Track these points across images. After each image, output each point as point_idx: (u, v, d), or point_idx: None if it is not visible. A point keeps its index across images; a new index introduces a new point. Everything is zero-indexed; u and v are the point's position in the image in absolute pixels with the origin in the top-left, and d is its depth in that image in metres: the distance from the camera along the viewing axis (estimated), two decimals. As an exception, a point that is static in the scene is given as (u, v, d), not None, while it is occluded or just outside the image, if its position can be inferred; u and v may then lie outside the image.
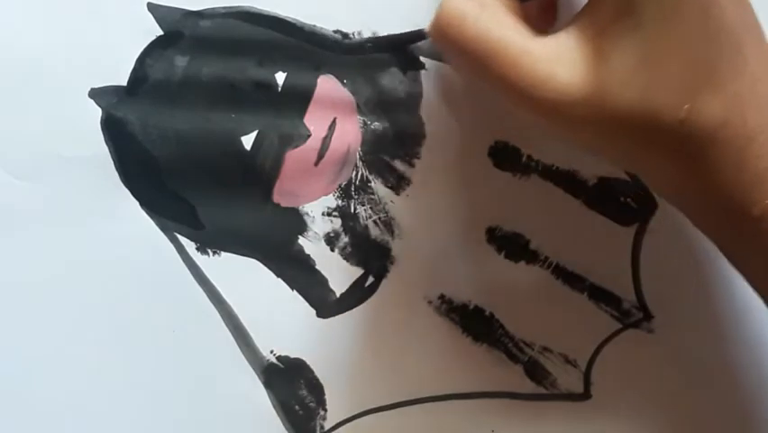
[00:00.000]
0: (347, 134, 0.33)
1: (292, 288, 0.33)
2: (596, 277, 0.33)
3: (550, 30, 0.26)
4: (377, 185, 0.33)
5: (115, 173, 0.33)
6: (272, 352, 0.33)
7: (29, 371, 0.32)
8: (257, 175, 0.33)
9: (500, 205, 0.33)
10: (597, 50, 0.24)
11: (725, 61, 0.23)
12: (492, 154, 0.33)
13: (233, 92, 0.33)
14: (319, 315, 0.33)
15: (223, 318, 0.33)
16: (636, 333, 0.33)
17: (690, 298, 0.32)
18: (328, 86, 0.33)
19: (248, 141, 0.33)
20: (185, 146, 0.33)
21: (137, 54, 0.33)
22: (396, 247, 0.33)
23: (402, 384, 0.33)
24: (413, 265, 0.33)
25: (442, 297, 0.33)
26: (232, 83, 0.33)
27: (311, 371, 0.33)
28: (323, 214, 0.33)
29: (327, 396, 0.33)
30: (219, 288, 0.33)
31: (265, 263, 0.33)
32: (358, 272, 0.33)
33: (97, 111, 0.33)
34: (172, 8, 0.33)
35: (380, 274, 0.33)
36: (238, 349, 0.33)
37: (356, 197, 0.33)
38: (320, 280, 0.33)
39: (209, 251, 0.33)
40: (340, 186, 0.33)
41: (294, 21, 0.33)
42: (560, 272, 0.33)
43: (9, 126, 0.33)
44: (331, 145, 0.33)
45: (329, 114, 0.33)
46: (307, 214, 0.33)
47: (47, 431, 0.32)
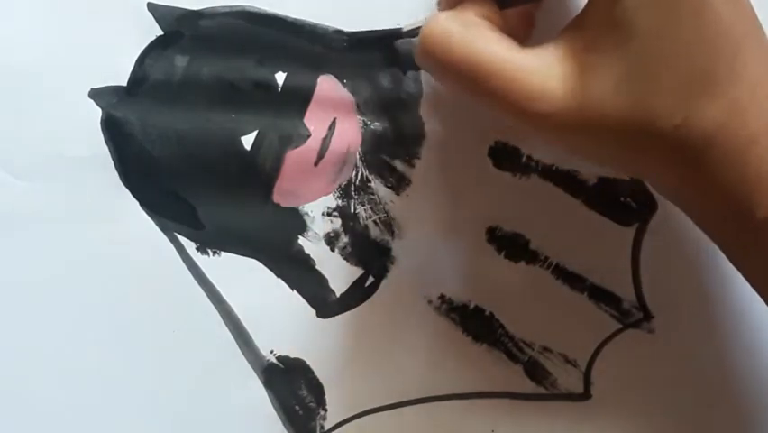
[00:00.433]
0: (347, 134, 0.33)
1: (292, 288, 0.33)
2: (596, 277, 0.33)
3: (528, 40, 0.27)
4: (377, 185, 0.33)
5: (115, 173, 0.33)
6: (272, 352, 0.33)
7: (29, 371, 0.32)
8: (257, 175, 0.33)
9: (500, 205, 0.33)
10: (588, 61, 0.24)
11: (722, 66, 0.23)
12: (492, 154, 0.33)
13: (233, 92, 0.33)
14: (319, 315, 0.33)
15: (223, 318, 0.33)
16: (636, 333, 0.33)
17: (690, 298, 0.32)
18: (328, 86, 0.33)
19: (248, 141, 0.33)
20: (185, 146, 0.33)
21: (137, 54, 0.33)
22: (396, 247, 0.33)
23: (402, 384, 0.33)
24: (413, 265, 0.33)
25: (442, 297, 0.33)
26: (232, 83, 0.33)
27: (311, 371, 0.33)
28: (323, 214, 0.33)
29: (327, 396, 0.33)
30: (219, 288, 0.33)
31: (265, 263, 0.33)
32: (358, 272, 0.33)
33: (97, 111, 0.33)
34: (172, 8, 0.33)
35: (380, 274, 0.33)
36: (238, 349, 0.33)
37: (356, 197, 0.33)
38: (320, 280, 0.33)
39: (209, 251, 0.33)
40: (340, 186, 0.33)
41: (294, 20, 0.33)
42: (560, 272, 0.33)
43: (9, 126, 0.33)
44: (331, 145, 0.33)
45: (329, 114, 0.33)
46: (307, 214, 0.33)
47: (47, 431, 0.32)
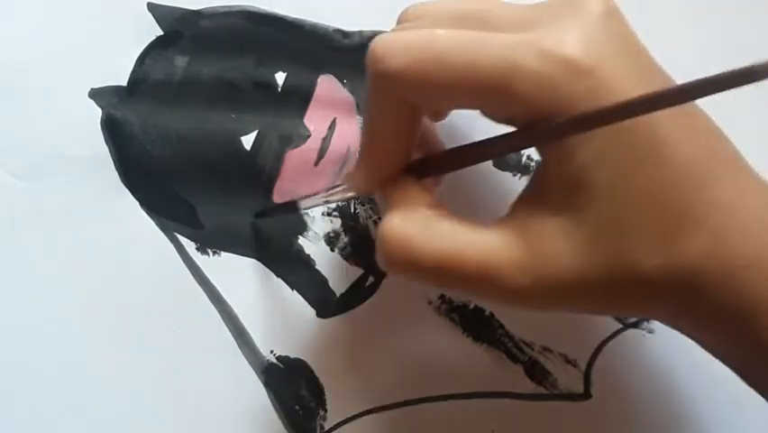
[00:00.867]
0: (347, 134, 0.33)
1: (292, 288, 0.33)
2: (596, 277, 0.33)
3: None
4: (377, 185, 0.33)
5: (115, 173, 0.33)
6: (272, 352, 0.33)
7: (29, 371, 0.32)
8: (257, 175, 0.33)
9: (500, 205, 0.33)
10: (553, 227, 0.23)
11: (693, 200, 0.22)
12: (492, 154, 0.32)
13: (233, 92, 0.33)
14: (319, 315, 0.33)
15: (223, 318, 0.33)
16: (636, 333, 0.33)
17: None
18: (328, 86, 0.33)
19: (248, 141, 0.33)
20: (185, 146, 0.33)
21: (137, 54, 0.33)
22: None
23: (402, 384, 0.33)
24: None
25: (442, 297, 0.33)
26: (232, 83, 0.33)
27: (311, 371, 0.33)
28: (323, 214, 0.33)
29: (327, 396, 0.33)
30: (219, 288, 0.33)
31: (265, 263, 0.33)
32: (358, 272, 0.33)
33: (97, 111, 0.33)
34: (172, 8, 0.33)
35: (380, 274, 0.33)
36: (238, 349, 0.33)
37: (356, 197, 0.33)
38: (320, 280, 0.33)
39: (209, 251, 0.33)
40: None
41: (294, 20, 0.33)
42: (560, 272, 0.33)
43: (9, 126, 0.33)
44: (331, 145, 0.33)
45: (329, 114, 0.33)
46: (307, 214, 0.33)
47: (47, 431, 0.32)
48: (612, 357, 0.33)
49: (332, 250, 0.33)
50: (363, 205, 0.33)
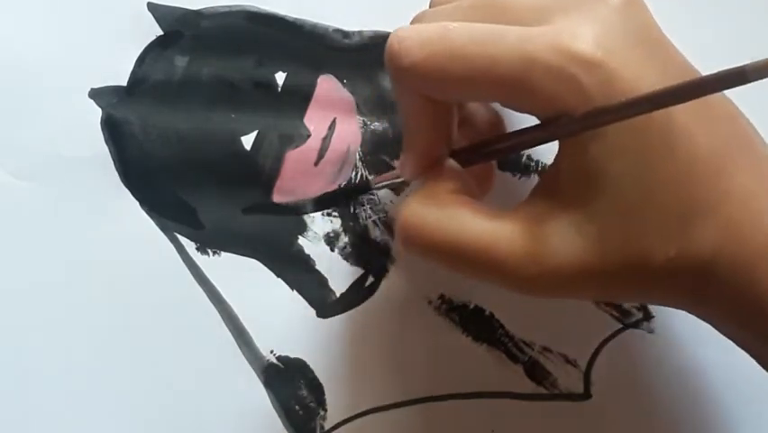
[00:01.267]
0: (347, 134, 0.33)
1: (292, 288, 0.33)
2: (596, 277, 0.33)
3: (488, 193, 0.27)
4: (377, 185, 0.33)
5: (115, 173, 0.33)
6: (272, 352, 0.33)
7: (29, 371, 0.32)
8: (257, 175, 0.33)
9: (500, 205, 0.32)
10: (567, 216, 0.23)
11: (706, 190, 0.22)
12: (492, 154, 0.33)
13: (233, 92, 0.33)
14: (319, 315, 0.33)
15: (223, 318, 0.33)
16: (636, 333, 0.33)
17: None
18: (328, 86, 0.33)
19: (248, 141, 0.33)
20: (185, 146, 0.33)
21: (137, 54, 0.33)
22: (396, 247, 0.33)
23: (402, 384, 0.33)
24: (413, 265, 0.33)
25: (442, 297, 0.33)
26: (232, 83, 0.33)
27: (311, 371, 0.33)
28: (323, 214, 0.33)
29: (327, 396, 0.33)
30: (219, 288, 0.33)
31: (265, 263, 0.33)
32: (358, 272, 0.33)
33: (97, 111, 0.33)
34: (172, 8, 0.33)
35: (380, 274, 0.33)
36: (238, 349, 0.33)
37: (356, 197, 0.33)
38: (320, 280, 0.33)
39: (209, 251, 0.33)
40: (340, 186, 0.33)
41: (294, 20, 0.33)
42: (560, 272, 0.33)
43: (9, 126, 0.33)
44: (331, 145, 0.33)
45: (329, 114, 0.33)
46: (307, 214, 0.33)
47: (47, 431, 0.32)
48: (612, 357, 0.33)
49: (332, 250, 0.33)
50: (363, 205, 0.33)
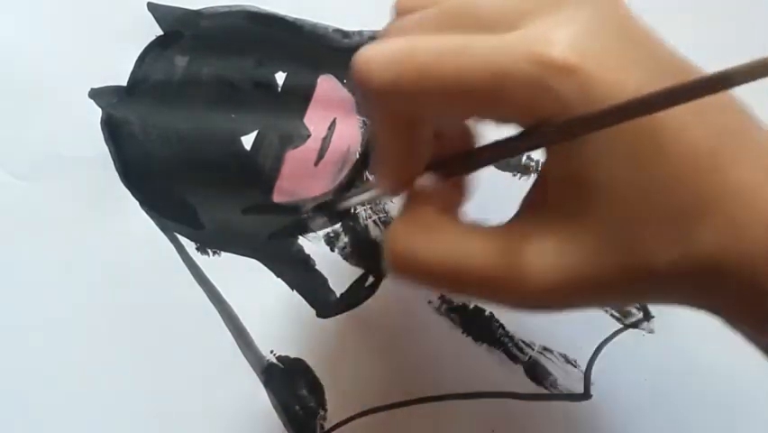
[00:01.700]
0: (347, 134, 0.33)
1: (292, 288, 0.33)
2: (596, 277, 0.33)
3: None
4: (377, 185, 0.33)
5: (115, 173, 0.33)
6: (272, 352, 0.33)
7: (28, 370, 0.32)
8: (257, 175, 0.33)
9: (500, 205, 0.32)
10: (560, 229, 0.22)
11: (703, 187, 0.21)
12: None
13: (233, 92, 0.33)
14: (319, 315, 0.33)
15: (223, 318, 0.33)
16: (636, 333, 0.33)
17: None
18: (328, 86, 0.33)
19: (248, 141, 0.33)
20: (185, 146, 0.33)
21: (137, 54, 0.33)
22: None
23: (402, 384, 0.33)
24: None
25: (442, 297, 0.33)
26: (232, 83, 0.33)
27: (311, 371, 0.33)
28: (323, 214, 0.33)
29: (327, 396, 0.33)
30: (219, 288, 0.33)
31: (265, 263, 0.33)
32: (358, 272, 0.33)
33: (97, 111, 0.33)
34: (172, 8, 0.33)
35: (380, 274, 0.33)
36: (238, 349, 0.33)
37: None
38: (320, 280, 0.33)
39: (209, 251, 0.33)
40: (340, 185, 0.33)
41: (294, 20, 0.33)
42: (560, 272, 0.33)
43: (9, 126, 0.33)
44: (331, 145, 0.33)
45: (329, 114, 0.33)
46: (307, 214, 0.33)
47: (47, 431, 0.32)
48: (612, 357, 0.33)
49: (332, 250, 0.33)
50: (363, 205, 0.33)
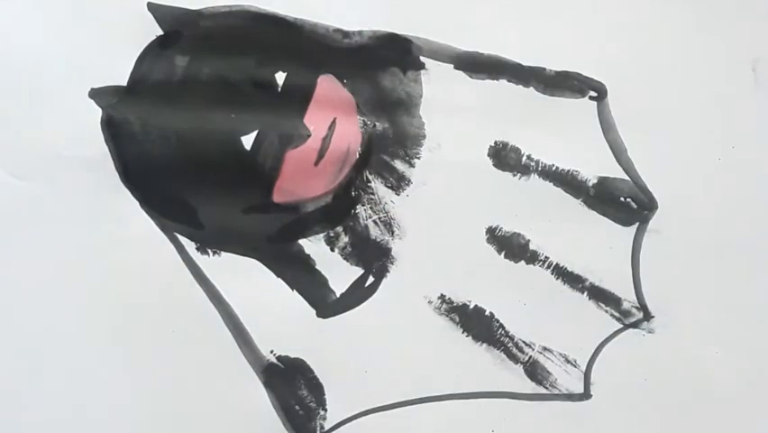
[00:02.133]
0: (347, 134, 0.33)
1: (292, 288, 0.33)
2: (596, 277, 0.33)
3: None
4: (377, 185, 0.33)
5: (115, 173, 0.33)
6: (272, 352, 0.33)
7: (28, 370, 0.32)
8: (257, 175, 0.33)
9: (500, 205, 0.33)
10: None
11: None
12: (492, 154, 0.33)
13: (233, 92, 0.33)
14: (319, 315, 0.33)
15: (223, 318, 0.33)
16: (636, 333, 0.33)
17: (690, 298, 0.32)
18: (328, 86, 0.33)
19: (248, 141, 0.32)
20: (185, 146, 0.33)
21: (137, 54, 0.33)
22: (396, 247, 0.33)
23: (402, 384, 0.33)
24: (413, 265, 0.33)
25: (442, 297, 0.33)
26: (232, 83, 0.33)
27: (311, 371, 0.33)
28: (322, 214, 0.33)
29: (327, 396, 0.33)
30: (219, 288, 0.33)
31: (265, 263, 0.33)
32: (358, 272, 0.33)
33: (97, 111, 0.33)
34: (172, 8, 0.33)
35: (380, 274, 0.33)
36: (238, 349, 0.33)
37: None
38: (320, 280, 0.33)
39: (209, 251, 0.33)
40: (340, 185, 0.33)
41: (294, 20, 0.33)
42: (560, 272, 0.33)
43: (9, 126, 0.33)
44: (331, 145, 0.33)
45: (329, 114, 0.33)
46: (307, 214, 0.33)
47: (46, 430, 0.32)
48: (612, 357, 0.33)
49: (332, 250, 0.33)
50: (363, 205, 0.33)
